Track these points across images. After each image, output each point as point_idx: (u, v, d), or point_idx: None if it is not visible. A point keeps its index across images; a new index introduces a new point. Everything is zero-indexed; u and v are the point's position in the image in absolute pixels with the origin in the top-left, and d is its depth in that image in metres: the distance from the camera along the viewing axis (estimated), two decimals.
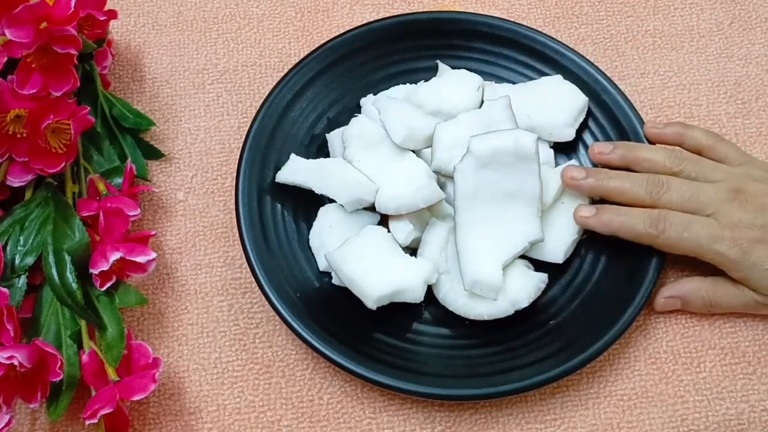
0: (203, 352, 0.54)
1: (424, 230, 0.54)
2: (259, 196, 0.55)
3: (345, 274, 0.51)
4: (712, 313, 0.54)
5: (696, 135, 0.56)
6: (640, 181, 0.53)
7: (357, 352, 0.50)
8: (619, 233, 0.53)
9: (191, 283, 0.56)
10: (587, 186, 0.54)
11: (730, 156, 0.55)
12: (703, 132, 0.56)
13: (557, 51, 0.60)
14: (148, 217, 0.58)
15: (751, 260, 0.51)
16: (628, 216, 0.52)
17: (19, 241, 0.52)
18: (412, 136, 0.55)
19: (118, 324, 0.51)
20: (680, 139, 0.56)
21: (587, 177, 0.54)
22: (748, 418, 0.52)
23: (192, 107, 0.62)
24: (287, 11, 0.66)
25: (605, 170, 0.54)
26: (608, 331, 0.51)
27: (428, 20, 0.61)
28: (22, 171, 0.54)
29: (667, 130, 0.57)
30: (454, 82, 0.58)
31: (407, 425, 0.52)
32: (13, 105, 0.51)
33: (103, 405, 0.47)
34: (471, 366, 0.51)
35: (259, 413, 0.52)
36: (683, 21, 0.66)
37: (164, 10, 0.66)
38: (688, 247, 0.52)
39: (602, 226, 0.53)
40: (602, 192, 0.54)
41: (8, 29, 0.50)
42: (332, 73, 0.60)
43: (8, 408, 0.48)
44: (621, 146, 0.55)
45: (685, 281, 0.54)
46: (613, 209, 0.53)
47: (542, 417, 0.52)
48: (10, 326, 0.48)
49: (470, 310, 0.52)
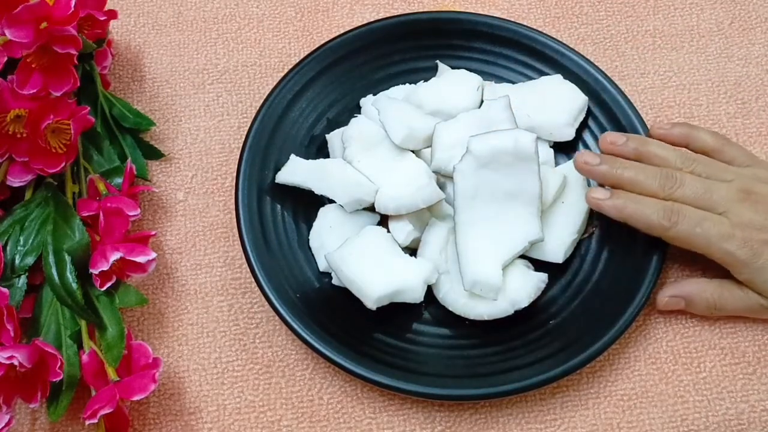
0: (203, 352, 0.54)
1: (423, 230, 0.54)
2: (259, 197, 0.55)
3: (345, 275, 0.51)
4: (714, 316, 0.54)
5: (703, 136, 0.56)
6: (654, 174, 0.53)
7: (357, 353, 0.50)
8: (631, 220, 0.52)
9: (191, 283, 0.56)
10: (600, 173, 0.53)
11: (737, 158, 0.55)
12: (710, 134, 0.56)
13: (557, 51, 0.60)
14: (148, 217, 0.58)
15: (759, 262, 0.51)
16: (642, 204, 0.52)
17: (19, 241, 0.52)
18: (411, 136, 0.55)
19: (118, 324, 0.51)
20: (687, 140, 0.56)
21: (601, 163, 0.53)
22: (748, 418, 0.52)
23: (192, 107, 0.62)
24: (287, 11, 0.66)
25: (620, 159, 0.54)
26: (608, 331, 0.51)
27: (428, 20, 0.61)
28: (22, 171, 0.54)
29: (673, 131, 0.56)
30: (454, 82, 0.58)
31: (407, 425, 0.52)
32: (13, 105, 0.51)
33: (103, 405, 0.47)
34: (471, 366, 0.51)
35: (259, 413, 0.52)
36: (683, 21, 0.66)
37: (164, 10, 0.66)
38: (698, 243, 0.51)
39: (615, 211, 0.52)
40: (615, 180, 0.53)
41: (8, 29, 0.50)
42: (332, 74, 0.60)
43: (8, 408, 0.48)
44: (634, 139, 0.55)
45: (690, 281, 0.54)
46: (627, 195, 0.52)
47: (542, 417, 0.52)
48: (10, 326, 0.48)
49: (470, 310, 0.52)
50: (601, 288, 0.54)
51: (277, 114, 0.58)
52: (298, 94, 0.59)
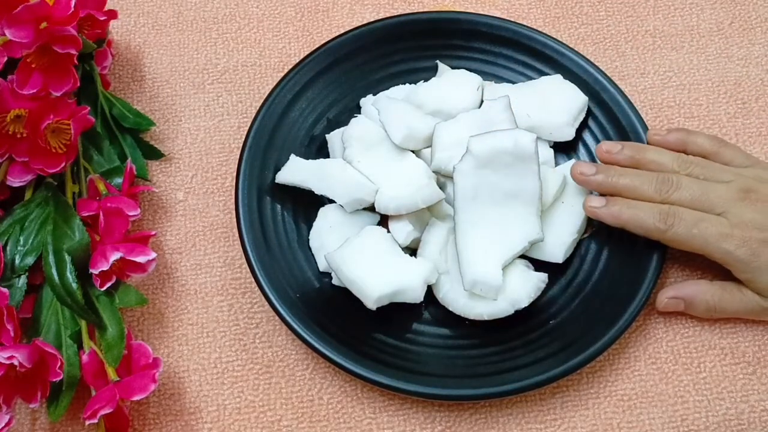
0: (203, 352, 0.54)
1: (423, 230, 0.54)
2: (259, 197, 0.55)
3: (345, 275, 0.51)
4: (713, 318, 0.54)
5: (699, 140, 0.56)
6: (649, 179, 0.53)
7: (357, 353, 0.50)
8: (628, 226, 0.52)
9: (191, 283, 0.56)
10: (597, 182, 0.54)
11: (735, 159, 0.55)
12: (706, 137, 0.56)
13: (557, 51, 0.60)
14: (148, 217, 0.58)
15: (759, 262, 0.50)
16: (638, 209, 0.52)
17: (19, 241, 0.52)
18: (411, 136, 0.55)
19: (118, 324, 0.51)
20: (683, 144, 0.56)
21: (597, 173, 0.53)
22: (748, 418, 0.52)
23: (192, 107, 0.62)
24: (287, 11, 0.66)
25: (615, 167, 0.54)
26: (608, 331, 0.51)
27: (428, 20, 0.61)
28: (22, 171, 0.54)
29: (669, 137, 0.56)
30: (454, 82, 0.58)
31: (407, 425, 0.52)
32: (13, 105, 0.51)
33: (103, 405, 0.47)
34: (471, 366, 0.51)
35: (259, 413, 0.52)
36: (683, 21, 0.66)
37: (164, 10, 0.66)
38: (696, 244, 0.51)
39: (611, 218, 0.52)
40: (611, 188, 0.53)
41: (8, 29, 0.50)
42: (332, 74, 0.60)
43: (8, 408, 0.48)
44: (629, 146, 0.55)
45: (691, 283, 0.54)
46: (623, 201, 0.53)
47: (542, 417, 0.52)
48: (10, 326, 0.48)
49: (470, 310, 0.52)
50: (601, 288, 0.54)
51: (277, 114, 0.58)
52: (298, 94, 0.59)
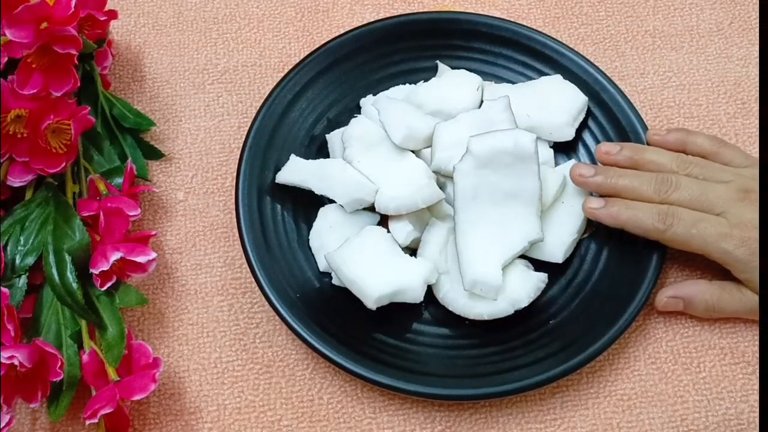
0: (203, 352, 0.54)
1: (423, 230, 0.54)
2: (259, 197, 0.55)
3: (345, 275, 0.51)
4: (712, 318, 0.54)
5: (699, 141, 0.56)
6: (648, 179, 0.53)
7: (357, 352, 0.51)
8: (627, 227, 0.52)
9: (191, 283, 0.56)
10: (595, 183, 0.54)
11: (735, 160, 0.55)
12: (705, 137, 0.56)
13: (557, 51, 0.60)
14: (148, 217, 0.58)
15: (758, 261, 0.50)
16: (637, 210, 0.52)
17: (20, 241, 0.52)
18: (411, 136, 0.55)
19: (119, 324, 0.51)
20: (683, 144, 0.56)
21: (596, 175, 0.54)
22: (748, 418, 0.52)
23: (192, 107, 0.62)
24: (287, 11, 0.66)
25: (614, 168, 0.54)
26: (608, 331, 0.51)
27: (428, 20, 0.61)
28: (22, 171, 0.54)
29: (669, 137, 0.56)
30: (454, 82, 0.58)
31: (407, 425, 0.52)
32: (13, 105, 0.51)
33: (104, 405, 0.47)
34: (471, 366, 0.51)
35: (259, 413, 0.52)
36: (683, 21, 0.66)
37: (164, 10, 0.66)
38: (696, 244, 0.51)
39: (610, 219, 0.53)
40: (610, 190, 0.53)
41: (8, 29, 0.50)
42: (332, 74, 0.60)
43: (8, 408, 0.48)
44: (628, 147, 0.55)
45: (690, 283, 0.54)
46: (622, 202, 0.53)
47: (542, 417, 0.52)
48: (10, 326, 0.48)
49: (470, 310, 0.52)
50: (601, 288, 0.54)
51: (277, 114, 0.58)
52: (298, 94, 0.59)
